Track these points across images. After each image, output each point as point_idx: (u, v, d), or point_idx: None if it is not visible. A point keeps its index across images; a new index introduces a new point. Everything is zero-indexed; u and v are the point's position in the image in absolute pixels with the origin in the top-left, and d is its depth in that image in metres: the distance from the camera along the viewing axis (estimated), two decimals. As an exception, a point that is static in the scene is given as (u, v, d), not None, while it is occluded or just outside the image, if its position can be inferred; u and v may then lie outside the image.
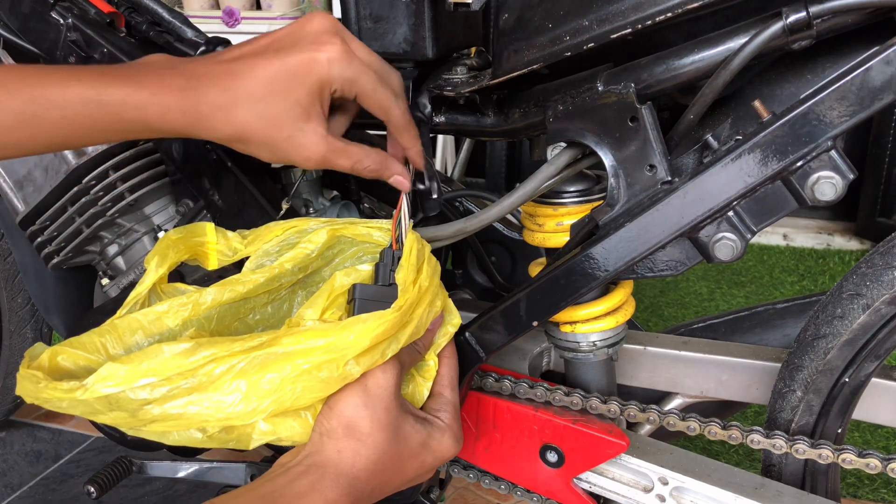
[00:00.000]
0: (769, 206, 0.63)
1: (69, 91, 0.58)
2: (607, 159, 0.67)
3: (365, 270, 0.66)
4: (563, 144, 0.70)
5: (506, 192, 0.72)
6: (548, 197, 0.75)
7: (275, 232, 0.70)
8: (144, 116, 0.59)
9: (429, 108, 0.78)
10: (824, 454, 0.70)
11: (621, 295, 0.77)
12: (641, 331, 0.89)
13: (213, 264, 0.69)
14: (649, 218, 0.65)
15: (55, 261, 0.91)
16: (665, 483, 0.75)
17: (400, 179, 0.69)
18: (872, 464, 0.69)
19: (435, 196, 0.73)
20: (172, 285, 0.70)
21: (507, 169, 2.84)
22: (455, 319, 0.71)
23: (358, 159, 0.65)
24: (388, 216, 0.85)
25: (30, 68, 0.60)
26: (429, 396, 0.69)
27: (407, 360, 0.66)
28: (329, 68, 0.61)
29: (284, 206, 0.81)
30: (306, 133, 0.61)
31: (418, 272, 0.64)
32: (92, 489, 0.89)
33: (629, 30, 0.62)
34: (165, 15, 0.89)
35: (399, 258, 0.64)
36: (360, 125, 0.75)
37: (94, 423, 0.90)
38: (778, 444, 0.72)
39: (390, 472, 0.63)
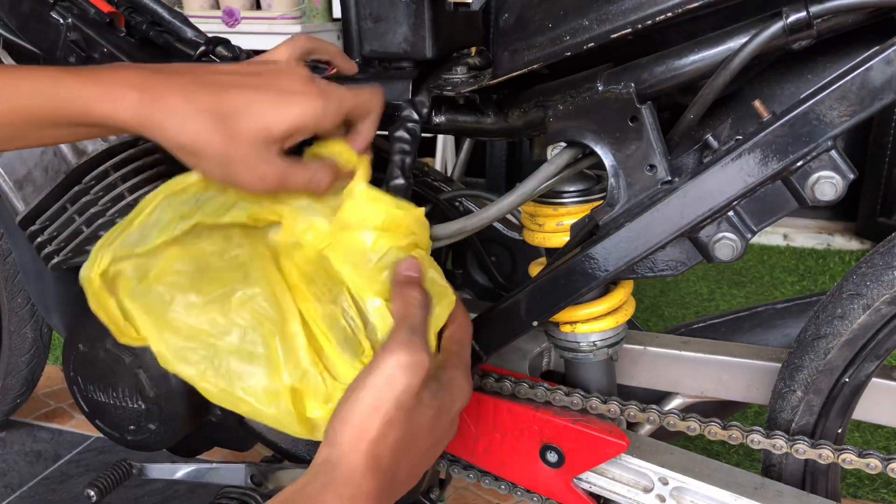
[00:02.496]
0: (769, 206, 0.63)
1: (21, 84, 0.57)
2: (607, 159, 0.67)
3: None
4: (563, 144, 0.70)
5: (506, 192, 0.72)
6: (548, 197, 0.75)
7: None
8: (91, 110, 0.57)
9: (427, 107, 0.78)
10: (824, 454, 0.70)
11: (621, 295, 0.76)
12: (641, 331, 0.89)
13: None
14: (649, 218, 0.65)
15: (55, 261, 0.91)
16: (665, 483, 0.75)
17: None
18: (872, 464, 0.69)
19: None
20: None
21: (507, 169, 2.84)
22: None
23: (310, 177, 0.63)
24: None
25: None
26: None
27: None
28: (300, 117, 0.60)
29: None
30: (264, 160, 0.60)
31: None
32: (92, 493, 0.89)
33: (629, 30, 0.62)
34: (165, 15, 0.89)
35: None
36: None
37: (93, 423, 0.90)
38: (778, 444, 0.72)
39: (408, 453, 0.60)
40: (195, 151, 0.59)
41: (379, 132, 0.72)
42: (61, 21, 0.84)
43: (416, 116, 0.77)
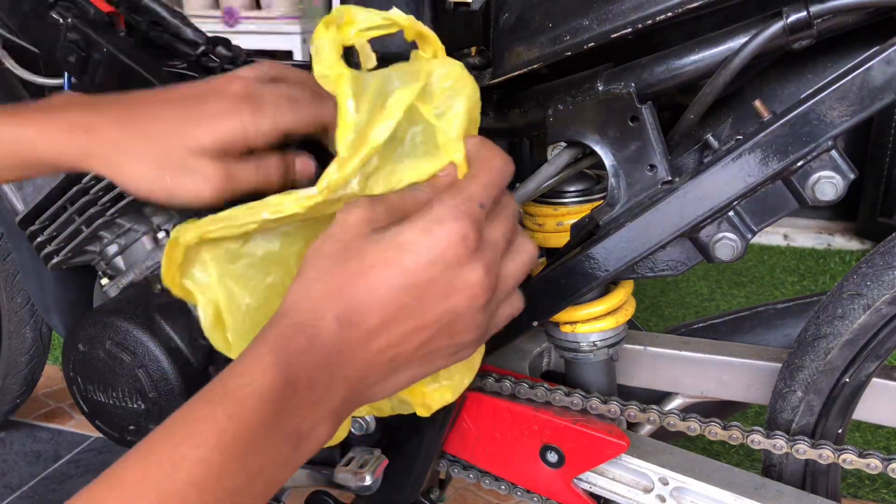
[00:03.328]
0: (770, 206, 0.63)
1: None
2: (607, 159, 0.67)
3: None
4: (564, 144, 0.70)
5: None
6: (548, 197, 0.75)
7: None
8: (37, 153, 0.60)
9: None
10: (825, 454, 0.70)
11: (621, 295, 0.76)
12: (642, 331, 0.89)
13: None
14: (649, 218, 0.65)
15: (55, 261, 0.91)
16: (665, 483, 0.74)
17: (305, 161, 0.64)
18: (873, 464, 0.69)
19: None
20: None
21: (508, 169, 2.83)
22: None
23: (256, 166, 0.61)
24: None
25: None
26: None
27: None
28: (229, 131, 0.58)
29: None
30: (196, 172, 0.58)
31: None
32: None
33: (629, 29, 0.62)
34: (165, 14, 0.89)
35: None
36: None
37: (93, 423, 0.90)
38: (778, 445, 0.72)
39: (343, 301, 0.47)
40: (133, 181, 0.60)
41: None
42: (61, 21, 0.84)
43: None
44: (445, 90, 0.56)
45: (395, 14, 0.55)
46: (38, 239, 0.90)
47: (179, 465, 0.40)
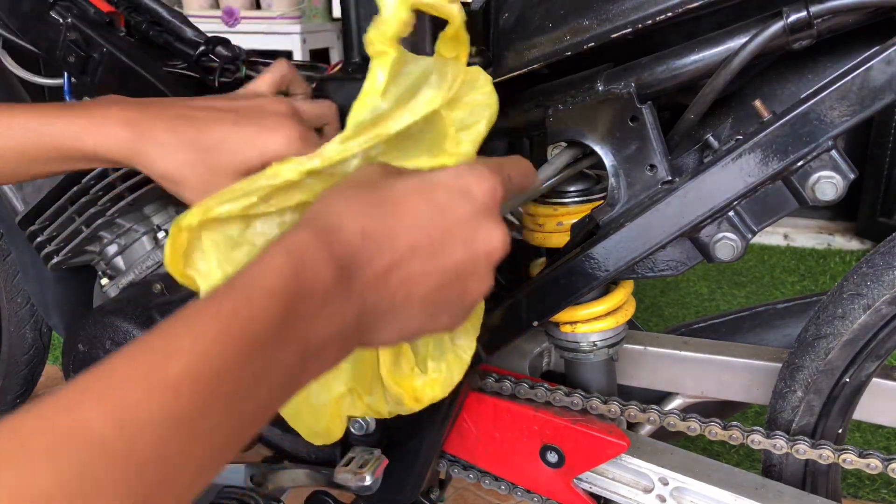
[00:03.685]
0: (770, 206, 0.63)
1: (13, 121, 0.61)
2: (608, 159, 0.67)
3: None
4: (564, 144, 0.70)
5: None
6: (548, 197, 0.75)
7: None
8: (81, 144, 0.61)
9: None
10: (825, 454, 0.70)
11: (622, 295, 0.76)
12: (642, 331, 0.89)
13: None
14: (650, 218, 0.65)
15: (55, 261, 0.91)
16: (665, 483, 0.74)
17: None
18: (873, 464, 0.69)
19: None
20: None
21: (508, 169, 2.83)
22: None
23: None
24: None
25: None
26: None
27: None
28: (277, 150, 0.61)
29: None
30: None
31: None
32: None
33: (629, 29, 0.62)
34: (165, 14, 0.89)
35: None
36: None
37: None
38: (778, 445, 0.72)
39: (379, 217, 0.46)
40: (178, 181, 0.62)
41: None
42: (61, 21, 0.84)
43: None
44: (472, 104, 0.58)
45: (456, 7, 0.55)
46: (38, 239, 0.90)
47: (174, 357, 0.36)
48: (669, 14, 0.60)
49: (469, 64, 0.78)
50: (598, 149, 0.67)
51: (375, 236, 0.45)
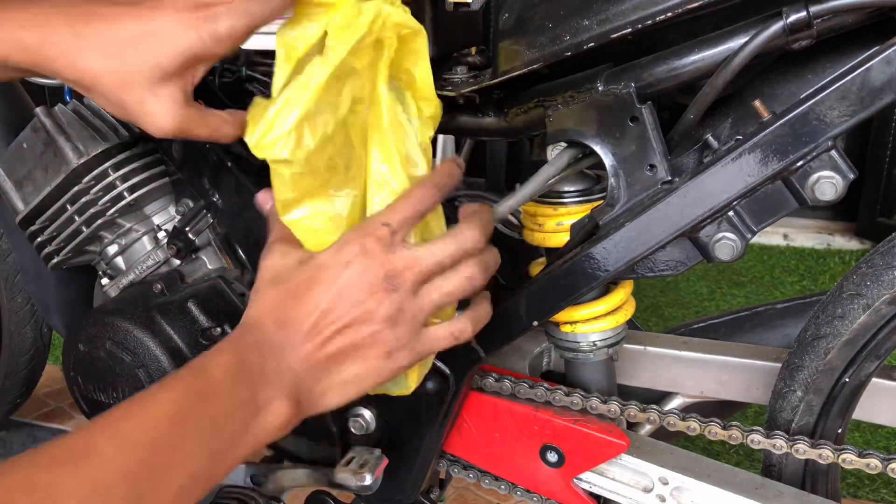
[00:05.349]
0: (769, 206, 0.63)
1: None
2: (607, 159, 0.67)
3: None
4: (564, 144, 0.70)
5: (506, 191, 0.72)
6: (548, 197, 0.75)
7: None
8: None
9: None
10: (824, 454, 0.70)
11: (621, 295, 0.76)
12: (642, 331, 0.89)
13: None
14: (649, 218, 0.65)
15: (55, 261, 0.91)
16: (665, 483, 0.75)
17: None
18: (873, 464, 0.69)
19: None
20: None
21: (507, 169, 2.84)
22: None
23: (216, 127, 0.62)
24: None
25: None
26: None
27: None
28: (205, 43, 0.56)
29: None
30: (161, 100, 0.58)
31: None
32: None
33: (629, 29, 0.62)
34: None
35: None
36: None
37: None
38: (778, 445, 0.72)
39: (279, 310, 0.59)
40: (87, 87, 0.58)
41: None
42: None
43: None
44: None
45: None
46: (39, 239, 0.90)
47: (154, 403, 0.50)
48: (669, 14, 0.60)
49: (469, 64, 0.78)
50: (597, 149, 0.67)
51: (287, 324, 0.58)
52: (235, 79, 0.89)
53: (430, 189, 0.61)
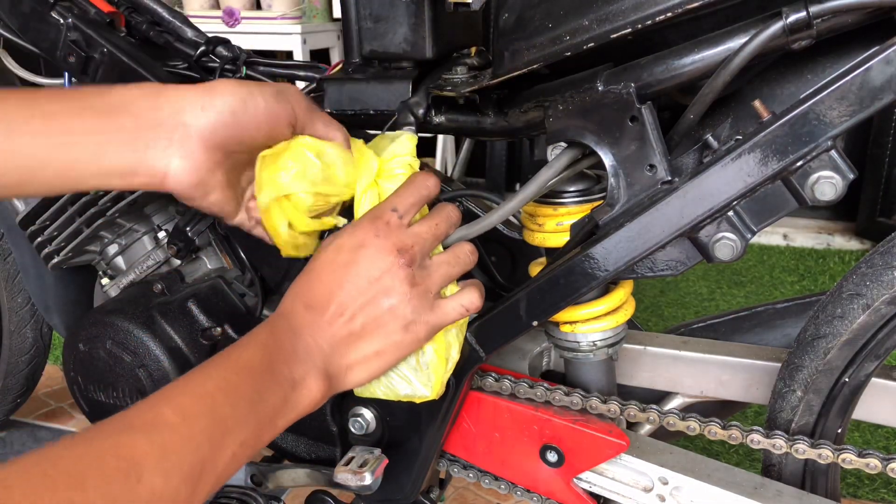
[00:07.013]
0: (769, 206, 0.63)
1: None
2: (607, 159, 0.67)
3: None
4: (564, 145, 0.70)
5: (506, 191, 0.72)
6: (548, 197, 0.75)
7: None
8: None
9: (425, 108, 0.78)
10: (824, 454, 0.70)
11: (621, 295, 0.76)
12: (641, 331, 0.89)
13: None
14: (649, 218, 0.65)
15: (55, 261, 0.91)
16: (665, 483, 0.75)
17: None
18: (872, 464, 0.69)
19: None
20: None
21: (507, 169, 2.84)
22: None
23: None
24: None
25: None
26: None
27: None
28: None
29: None
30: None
31: None
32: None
33: (629, 29, 0.62)
34: (165, 15, 0.89)
35: None
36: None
37: (93, 422, 0.90)
38: (778, 444, 0.72)
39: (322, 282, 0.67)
40: (195, 197, 0.67)
41: (376, 132, 0.72)
42: (61, 21, 0.85)
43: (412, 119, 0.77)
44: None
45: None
46: (39, 239, 0.90)
47: (208, 379, 0.57)
48: (669, 14, 0.60)
49: (469, 64, 0.79)
50: (597, 149, 0.67)
51: (314, 306, 0.65)
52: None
53: (431, 178, 0.70)
